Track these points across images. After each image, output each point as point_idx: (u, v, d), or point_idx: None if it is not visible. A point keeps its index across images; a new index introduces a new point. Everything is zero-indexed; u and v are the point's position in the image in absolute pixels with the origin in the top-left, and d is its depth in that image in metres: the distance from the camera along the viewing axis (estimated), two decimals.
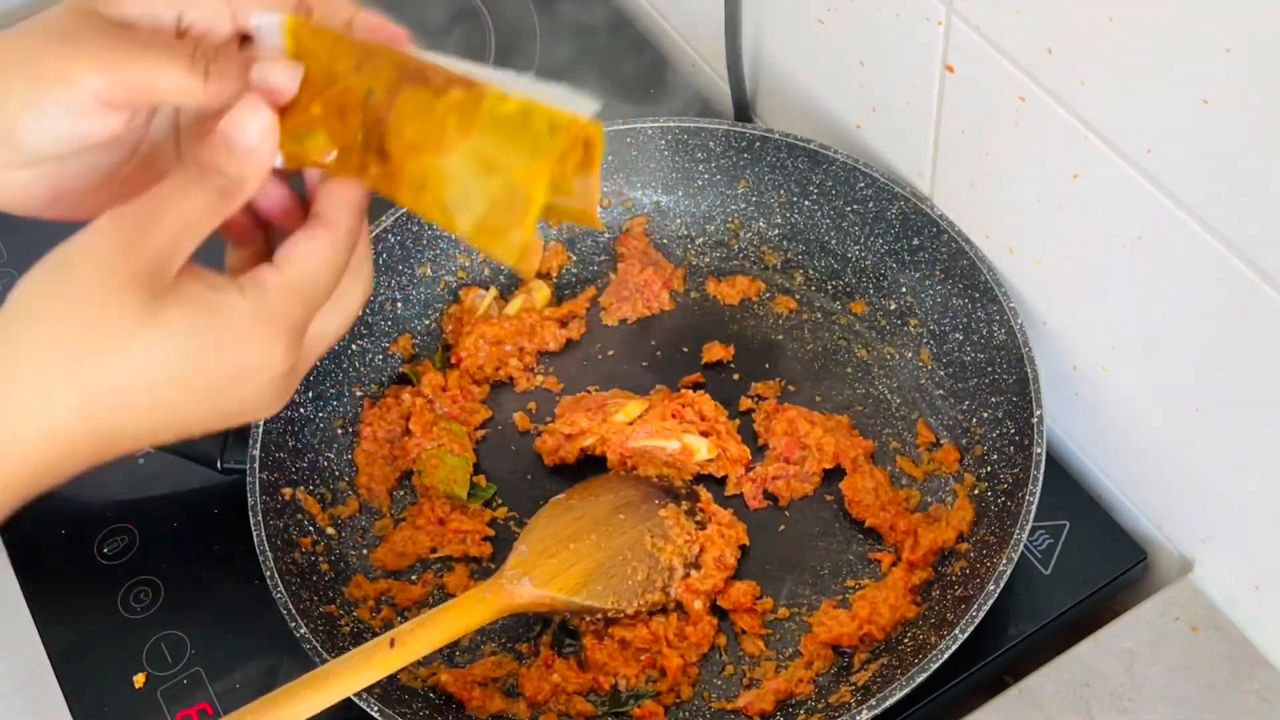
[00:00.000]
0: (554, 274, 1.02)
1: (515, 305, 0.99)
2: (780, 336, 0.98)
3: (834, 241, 0.98)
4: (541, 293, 1.01)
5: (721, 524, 0.87)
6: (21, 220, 0.63)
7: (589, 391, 0.96)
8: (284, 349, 0.54)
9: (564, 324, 1.00)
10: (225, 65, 0.55)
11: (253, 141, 0.54)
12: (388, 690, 0.79)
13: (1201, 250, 0.70)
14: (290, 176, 0.59)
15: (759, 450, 0.92)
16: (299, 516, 0.87)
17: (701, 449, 0.90)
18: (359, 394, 0.95)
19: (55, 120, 0.54)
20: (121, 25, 0.55)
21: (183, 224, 0.53)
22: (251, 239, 0.59)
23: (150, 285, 0.51)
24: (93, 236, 0.52)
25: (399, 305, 0.99)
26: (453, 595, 0.86)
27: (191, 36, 0.56)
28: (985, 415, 0.88)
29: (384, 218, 0.96)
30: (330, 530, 0.89)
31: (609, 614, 0.83)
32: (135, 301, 0.51)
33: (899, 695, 0.74)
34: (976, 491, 0.86)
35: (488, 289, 1.00)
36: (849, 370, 0.95)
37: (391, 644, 0.74)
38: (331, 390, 0.94)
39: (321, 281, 0.55)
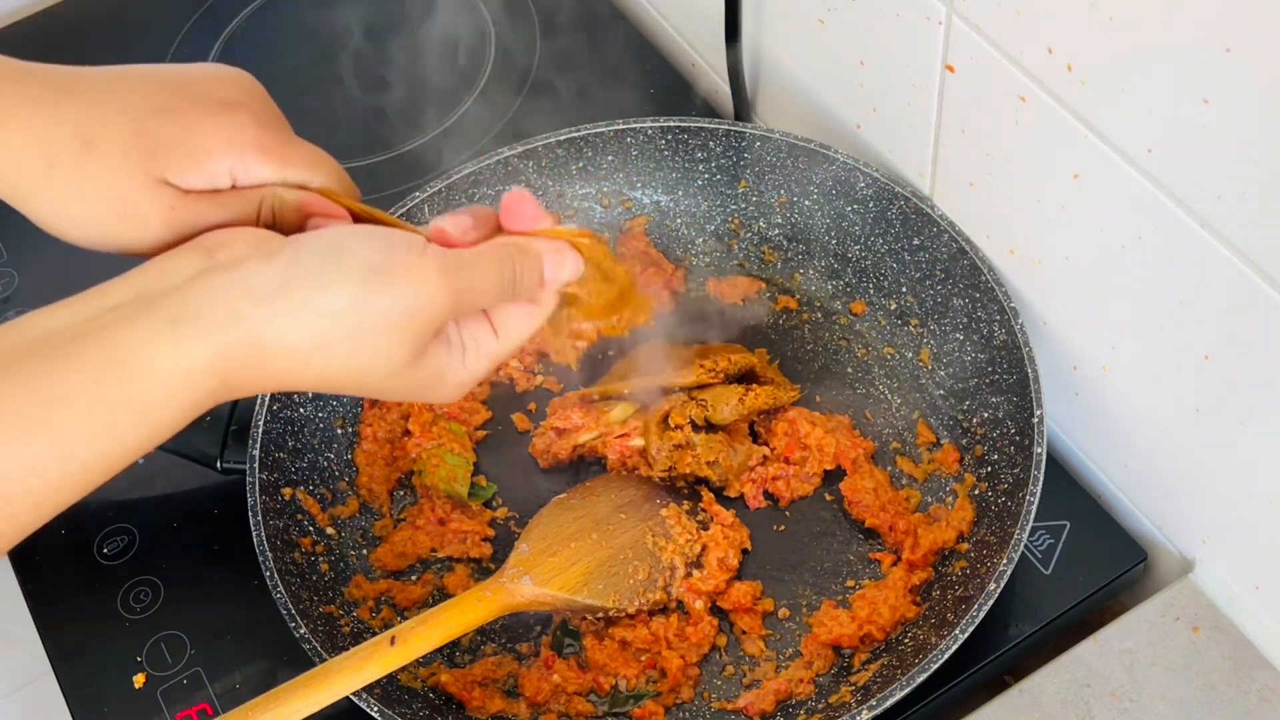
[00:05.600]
0: None
1: None
2: (780, 336, 0.98)
3: (834, 241, 0.98)
4: None
5: (724, 525, 0.87)
6: (21, 221, 0.63)
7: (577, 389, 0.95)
8: (466, 392, 0.66)
9: None
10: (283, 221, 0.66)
11: (560, 278, 0.67)
12: (388, 690, 0.79)
13: (1201, 250, 0.70)
14: None
15: None
16: (299, 516, 0.87)
17: None
18: None
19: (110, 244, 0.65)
20: (183, 194, 0.63)
21: (478, 304, 0.64)
22: None
23: (425, 342, 0.62)
24: (423, 282, 0.60)
25: None
26: (453, 595, 0.86)
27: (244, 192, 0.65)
28: (985, 415, 0.88)
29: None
30: (330, 530, 0.89)
31: (610, 613, 0.83)
32: (411, 349, 0.61)
33: (899, 695, 0.74)
34: (977, 491, 0.86)
35: None
36: (849, 370, 0.95)
37: (392, 642, 0.74)
38: None
39: (520, 346, 0.68)
